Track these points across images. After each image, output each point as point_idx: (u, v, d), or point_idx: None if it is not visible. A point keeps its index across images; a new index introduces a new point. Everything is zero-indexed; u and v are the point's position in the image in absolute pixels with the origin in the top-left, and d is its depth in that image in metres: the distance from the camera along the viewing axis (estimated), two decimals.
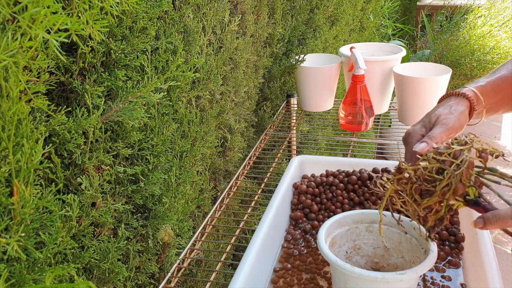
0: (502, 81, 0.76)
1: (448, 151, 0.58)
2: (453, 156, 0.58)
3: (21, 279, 0.47)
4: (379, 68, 1.29)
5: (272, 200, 0.84)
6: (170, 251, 0.82)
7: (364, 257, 0.72)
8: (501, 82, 0.76)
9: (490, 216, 0.57)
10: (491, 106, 0.76)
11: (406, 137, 0.72)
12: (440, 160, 0.58)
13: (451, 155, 0.58)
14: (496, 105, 0.77)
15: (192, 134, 0.85)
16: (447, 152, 0.58)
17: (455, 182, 0.57)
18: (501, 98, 0.77)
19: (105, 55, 0.63)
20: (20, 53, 0.42)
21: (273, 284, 0.74)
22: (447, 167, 0.58)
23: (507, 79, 0.76)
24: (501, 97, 0.77)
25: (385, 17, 3.57)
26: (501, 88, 0.76)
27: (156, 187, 0.72)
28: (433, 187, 0.59)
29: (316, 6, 1.64)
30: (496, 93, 0.76)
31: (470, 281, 0.71)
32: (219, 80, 0.94)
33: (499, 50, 2.69)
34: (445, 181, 0.57)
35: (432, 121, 0.72)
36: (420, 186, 0.60)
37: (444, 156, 0.58)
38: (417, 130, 0.72)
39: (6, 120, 0.44)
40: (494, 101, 0.76)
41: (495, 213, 0.56)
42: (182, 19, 0.81)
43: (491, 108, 0.77)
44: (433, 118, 0.72)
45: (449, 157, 0.58)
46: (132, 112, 0.64)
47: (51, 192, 0.51)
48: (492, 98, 0.76)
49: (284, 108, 1.47)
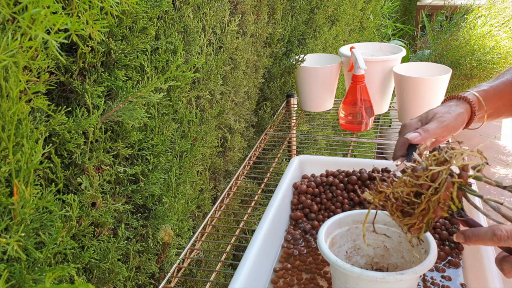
0: (506, 85, 0.76)
1: (425, 173, 0.56)
2: (431, 178, 0.56)
3: (21, 279, 0.47)
4: (379, 68, 1.29)
5: (272, 200, 0.84)
6: (170, 251, 0.82)
7: (364, 257, 0.72)
8: (504, 86, 0.76)
9: (470, 234, 0.57)
10: (493, 111, 0.76)
11: (401, 129, 0.73)
12: (417, 184, 0.57)
13: (428, 177, 0.56)
14: (498, 110, 0.77)
15: (192, 134, 0.85)
16: (425, 175, 0.56)
17: (432, 206, 0.56)
18: (504, 103, 0.76)
19: (105, 55, 0.63)
20: (20, 53, 0.42)
21: (273, 284, 0.74)
22: (424, 191, 0.56)
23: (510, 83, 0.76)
24: (504, 102, 0.76)
25: (385, 17, 3.57)
26: (504, 93, 0.76)
27: (156, 187, 0.72)
28: (412, 209, 0.58)
29: (316, 6, 1.64)
30: (499, 98, 0.76)
31: (470, 281, 0.71)
32: (219, 80, 0.94)
33: (499, 50, 2.69)
34: (423, 205, 0.56)
35: (429, 117, 0.73)
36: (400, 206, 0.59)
37: (421, 180, 0.56)
38: (412, 123, 0.73)
39: (6, 120, 0.44)
40: (496, 106, 0.76)
41: (475, 232, 0.56)
42: (182, 19, 0.81)
43: (493, 113, 0.77)
44: (430, 114, 0.73)
45: (427, 179, 0.56)
46: (132, 112, 0.64)
47: (51, 192, 0.51)
48: (495, 103, 0.76)
49: (284, 108, 1.47)
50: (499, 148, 3.27)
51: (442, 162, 0.57)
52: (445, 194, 0.56)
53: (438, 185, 0.55)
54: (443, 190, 0.55)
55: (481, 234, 0.55)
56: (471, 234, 0.57)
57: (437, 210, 0.57)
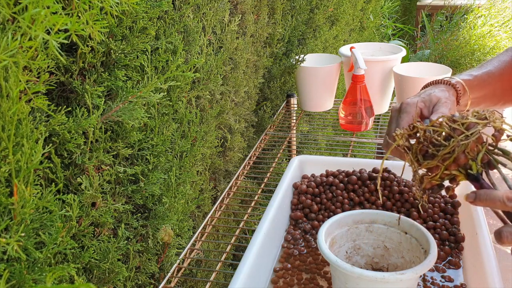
0: (489, 76, 0.77)
1: (462, 120, 0.57)
2: (466, 127, 0.57)
3: (21, 279, 0.47)
4: (379, 68, 1.29)
5: (272, 200, 0.84)
6: (170, 251, 0.82)
7: (364, 257, 0.72)
8: (487, 77, 0.77)
9: (482, 193, 0.57)
10: (474, 100, 0.77)
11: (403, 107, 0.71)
12: (451, 127, 0.58)
13: (464, 125, 0.57)
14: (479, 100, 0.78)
15: (192, 134, 0.85)
16: (461, 122, 0.57)
17: (458, 151, 0.57)
18: (485, 94, 0.77)
19: (105, 55, 0.63)
20: (20, 53, 0.42)
21: (273, 284, 0.74)
22: (455, 135, 0.57)
23: (493, 75, 0.77)
24: (485, 93, 0.77)
25: (385, 17, 3.57)
26: (487, 83, 0.77)
27: (156, 187, 0.72)
28: (437, 151, 0.58)
29: (316, 6, 1.64)
30: (482, 88, 0.77)
31: (470, 281, 0.71)
32: (219, 80, 0.94)
33: (499, 50, 2.69)
34: (449, 148, 0.57)
35: (433, 100, 0.71)
36: (426, 147, 0.59)
37: (456, 125, 0.57)
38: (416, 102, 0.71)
39: (6, 120, 0.44)
40: (478, 96, 0.77)
41: (488, 191, 0.57)
42: (182, 19, 0.81)
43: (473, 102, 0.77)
44: (433, 98, 0.71)
45: (462, 127, 0.57)
46: (132, 112, 0.64)
47: (51, 192, 0.51)
48: (477, 93, 0.76)
49: (284, 108, 1.47)
50: None
51: (481, 118, 0.57)
52: (473, 145, 0.57)
53: (470, 134, 0.56)
54: (473, 140, 0.56)
55: (494, 195, 0.56)
56: (483, 194, 0.57)
57: (460, 158, 0.57)
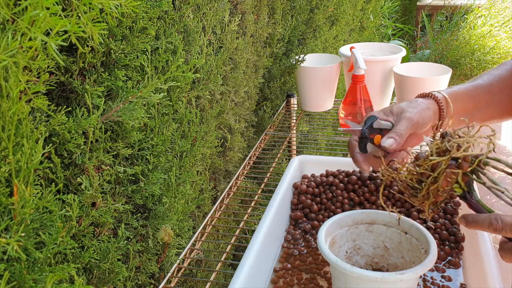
0: (477, 89, 0.76)
1: (426, 163, 0.59)
2: (431, 167, 0.59)
3: (21, 279, 0.47)
4: (379, 68, 1.29)
5: (272, 200, 0.84)
6: (170, 251, 0.82)
7: (364, 257, 0.72)
8: (475, 90, 0.76)
9: (470, 220, 0.59)
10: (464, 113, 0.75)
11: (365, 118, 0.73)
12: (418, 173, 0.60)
13: (429, 167, 0.59)
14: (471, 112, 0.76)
15: (192, 134, 0.85)
16: (425, 164, 0.59)
17: (432, 193, 0.59)
18: (476, 106, 0.76)
19: (105, 55, 0.63)
20: (20, 53, 0.42)
21: (273, 284, 0.74)
22: (424, 179, 0.60)
23: (482, 88, 0.76)
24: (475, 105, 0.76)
25: (385, 17, 3.57)
26: (476, 96, 0.76)
27: (156, 187, 0.72)
28: (416, 193, 0.61)
29: (316, 6, 1.64)
30: (470, 100, 0.76)
31: (470, 281, 0.71)
32: (219, 80, 0.94)
33: (499, 50, 2.69)
34: (423, 192, 0.60)
35: (394, 111, 0.72)
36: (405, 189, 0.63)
37: (422, 169, 0.60)
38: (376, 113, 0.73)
39: (6, 120, 0.44)
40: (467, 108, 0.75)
41: (475, 217, 0.59)
42: (182, 19, 0.81)
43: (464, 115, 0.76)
44: (395, 109, 0.72)
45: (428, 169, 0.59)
46: (132, 112, 0.64)
47: (51, 192, 0.51)
48: (465, 104, 0.75)
49: (284, 108, 1.47)
50: (499, 148, 3.27)
51: (444, 151, 0.59)
52: (445, 182, 0.59)
53: (438, 175, 0.58)
54: (442, 179, 0.58)
55: (480, 221, 0.58)
56: (471, 220, 0.59)
57: (438, 197, 0.60)
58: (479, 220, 0.58)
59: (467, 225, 0.60)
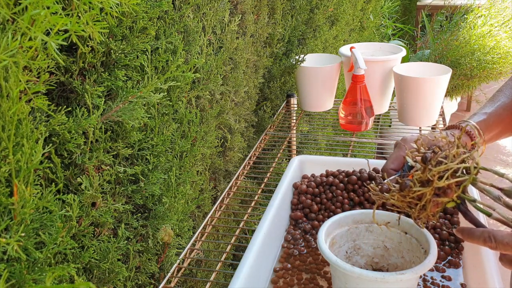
0: (504, 110, 0.75)
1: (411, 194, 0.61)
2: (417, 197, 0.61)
3: (21, 279, 0.47)
4: (379, 68, 1.29)
5: (272, 200, 0.84)
6: (170, 251, 0.82)
7: (364, 257, 0.72)
8: (502, 111, 0.75)
9: (466, 234, 0.60)
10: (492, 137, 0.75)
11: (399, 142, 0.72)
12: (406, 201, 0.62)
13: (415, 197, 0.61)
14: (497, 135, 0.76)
15: (192, 134, 0.85)
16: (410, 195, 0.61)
17: (424, 216, 0.62)
18: (503, 128, 0.76)
19: (105, 55, 0.63)
20: (20, 53, 0.42)
21: (273, 284, 0.74)
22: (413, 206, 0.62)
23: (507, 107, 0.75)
24: (503, 127, 0.76)
25: (385, 17, 3.57)
26: (504, 117, 0.75)
27: (156, 187, 0.72)
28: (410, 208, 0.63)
29: (316, 6, 1.64)
30: (498, 124, 0.75)
31: (470, 281, 0.71)
32: (219, 80, 0.94)
33: (499, 50, 2.69)
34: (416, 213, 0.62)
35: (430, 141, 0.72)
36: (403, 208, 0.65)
37: (408, 198, 0.61)
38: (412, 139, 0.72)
39: (6, 120, 0.44)
40: (495, 132, 0.75)
41: (470, 232, 0.59)
42: (182, 19, 0.81)
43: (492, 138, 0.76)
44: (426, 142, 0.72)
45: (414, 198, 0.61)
46: (132, 112, 0.64)
47: (51, 192, 0.51)
48: (494, 130, 0.75)
49: (284, 108, 1.47)
50: (499, 148, 3.27)
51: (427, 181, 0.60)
52: (434, 207, 0.61)
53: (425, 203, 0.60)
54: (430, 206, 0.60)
55: (475, 237, 0.59)
56: (467, 234, 0.60)
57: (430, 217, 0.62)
58: (474, 236, 0.59)
59: (463, 239, 0.60)
